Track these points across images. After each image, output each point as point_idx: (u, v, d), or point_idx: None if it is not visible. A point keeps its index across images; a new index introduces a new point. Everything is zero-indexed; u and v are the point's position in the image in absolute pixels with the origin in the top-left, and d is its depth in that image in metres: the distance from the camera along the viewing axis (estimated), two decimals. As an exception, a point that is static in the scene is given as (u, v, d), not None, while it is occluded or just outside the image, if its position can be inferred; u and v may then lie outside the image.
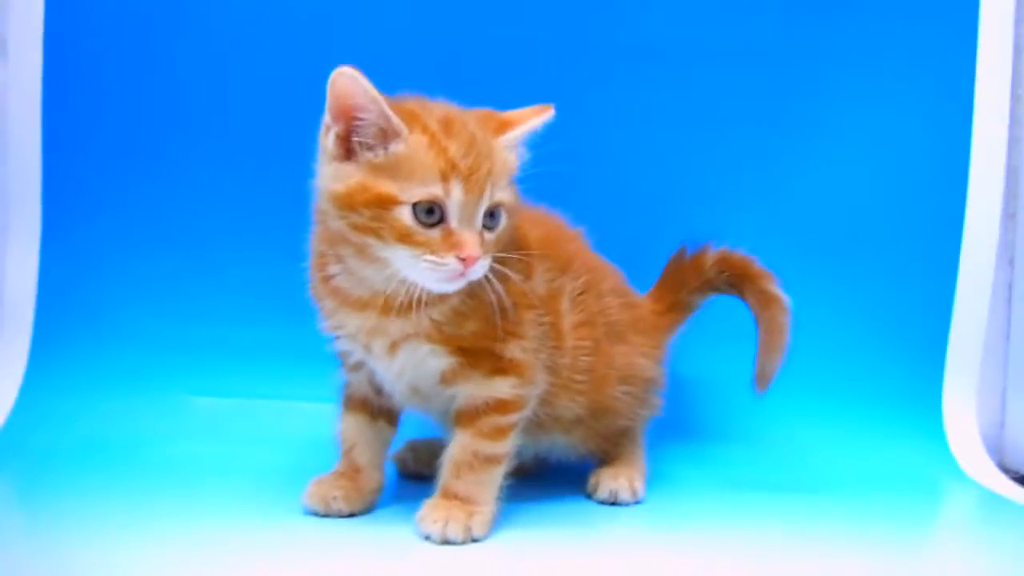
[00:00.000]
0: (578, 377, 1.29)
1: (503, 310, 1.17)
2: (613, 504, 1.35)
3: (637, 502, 1.36)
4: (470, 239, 1.12)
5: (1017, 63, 1.67)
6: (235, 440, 1.55)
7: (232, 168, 1.66)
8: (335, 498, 1.24)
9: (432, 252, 1.11)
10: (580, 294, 1.31)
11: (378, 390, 1.27)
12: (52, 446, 1.49)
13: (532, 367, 1.22)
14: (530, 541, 1.19)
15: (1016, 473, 1.63)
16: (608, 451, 1.39)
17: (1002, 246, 1.69)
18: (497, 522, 1.21)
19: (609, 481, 1.36)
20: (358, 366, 1.26)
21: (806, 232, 1.68)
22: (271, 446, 1.52)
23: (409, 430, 1.39)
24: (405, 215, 1.11)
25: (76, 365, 1.63)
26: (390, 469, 1.35)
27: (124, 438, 1.53)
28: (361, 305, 1.18)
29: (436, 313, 1.17)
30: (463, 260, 1.11)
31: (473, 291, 1.16)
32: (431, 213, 1.12)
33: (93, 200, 1.65)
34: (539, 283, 1.25)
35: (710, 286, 1.47)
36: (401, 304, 1.14)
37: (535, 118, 1.20)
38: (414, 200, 1.11)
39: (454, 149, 1.12)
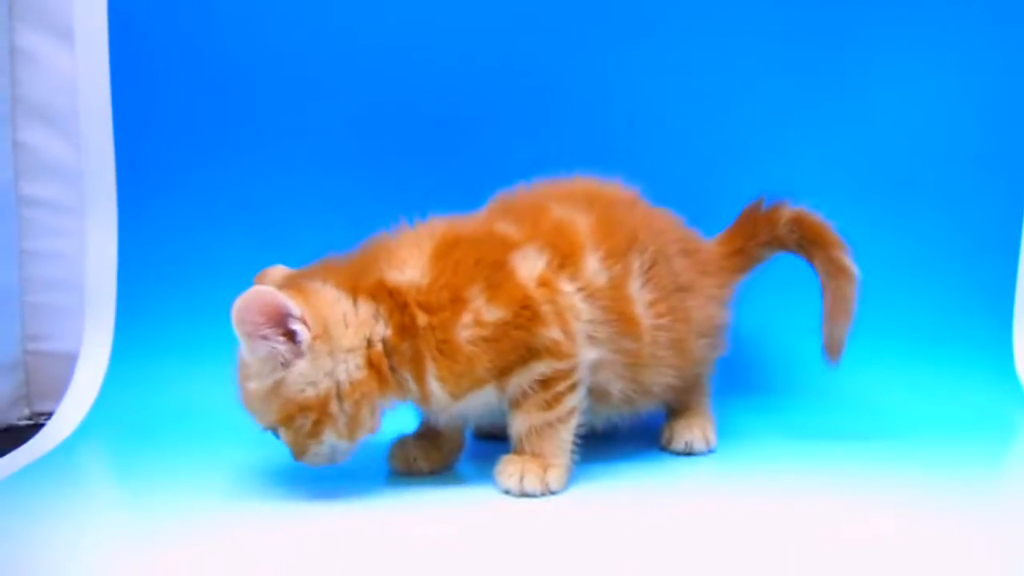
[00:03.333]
0: (662, 353, 1.29)
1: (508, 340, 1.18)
2: (688, 455, 1.37)
3: (710, 451, 1.38)
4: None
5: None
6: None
7: (296, 149, 1.69)
8: (415, 458, 1.28)
9: None
10: (651, 267, 1.29)
11: None
12: (140, 411, 1.56)
13: (566, 344, 1.20)
14: (611, 492, 1.22)
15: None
16: (680, 400, 1.40)
17: (1069, 181, 1.66)
18: (576, 477, 1.24)
19: (684, 432, 1.38)
20: None
21: (872, 175, 1.67)
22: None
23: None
24: None
25: (158, 337, 1.67)
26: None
27: (204, 401, 1.56)
28: None
29: (444, 388, 1.19)
30: None
31: (459, 346, 1.17)
32: None
33: (165, 183, 1.69)
34: (595, 274, 1.24)
35: (779, 243, 1.44)
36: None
37: (233, 311, 1.14)
38: None
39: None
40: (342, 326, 1.16)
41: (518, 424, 1.22)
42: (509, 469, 1.21)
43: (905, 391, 1.61)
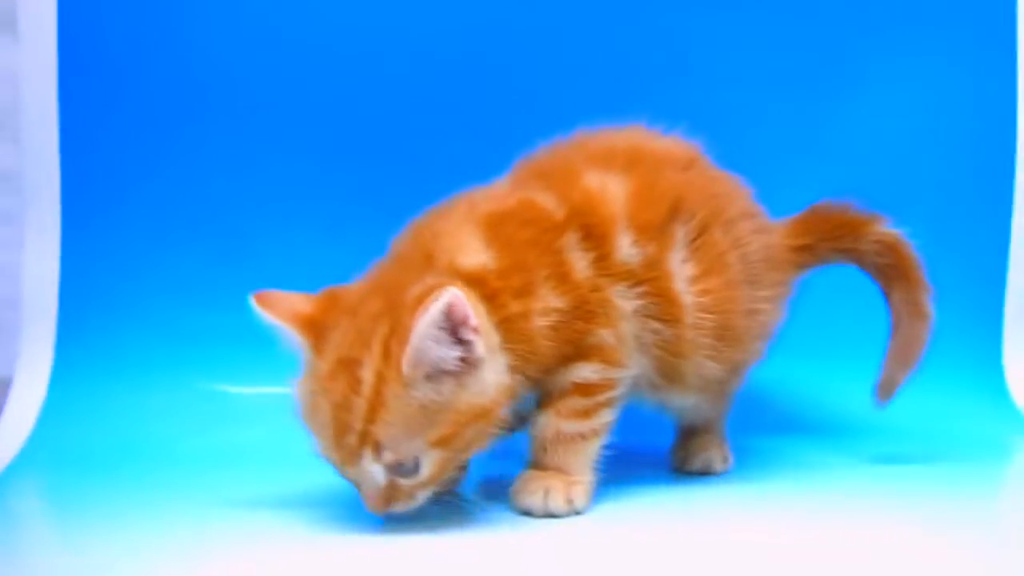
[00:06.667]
0: (704, 339, 1.18)
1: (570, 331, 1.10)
2: (705, 474, 1.33)
3: (727, 471, 1.34)
4: (368, 495, 1.05)
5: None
6: (270, 428, 1.47)
7: (256, 155, 1.63)
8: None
9: None
10: (697, 237, 1.18)
11: None
12: (84, 441, 1.49)
13: (619, 351, 1.13)
14: (634, 513, 1.15)
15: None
16: (700, 418, 1.33)
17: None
18: (595, 496, 1.16)
19: (700, 452, 1.33)
20: None
21: (856, 190, 1.58)
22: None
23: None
24: None
25: (103, 359, 1.59)
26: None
27: (156, 430, 1.51)
28: None
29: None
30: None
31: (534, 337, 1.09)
32: None
33: (114, 190, 1.62)
34: (628, 256, 1.14)
35: (855, 255, 1.34)
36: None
37: (425, 317, 0.99)
38: None
39: (318, 420, 1.04)
40: (489, 325, 1.06)
41: (544, 424, 1.13)
42: (531, 486, 1.12)
43: (896, 408, 1.54)
